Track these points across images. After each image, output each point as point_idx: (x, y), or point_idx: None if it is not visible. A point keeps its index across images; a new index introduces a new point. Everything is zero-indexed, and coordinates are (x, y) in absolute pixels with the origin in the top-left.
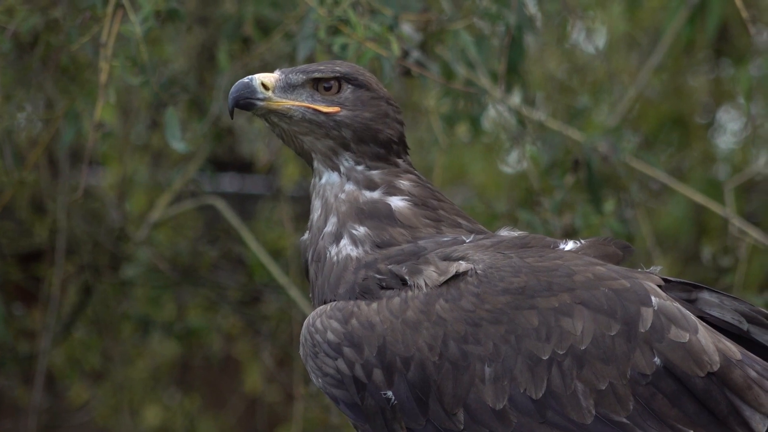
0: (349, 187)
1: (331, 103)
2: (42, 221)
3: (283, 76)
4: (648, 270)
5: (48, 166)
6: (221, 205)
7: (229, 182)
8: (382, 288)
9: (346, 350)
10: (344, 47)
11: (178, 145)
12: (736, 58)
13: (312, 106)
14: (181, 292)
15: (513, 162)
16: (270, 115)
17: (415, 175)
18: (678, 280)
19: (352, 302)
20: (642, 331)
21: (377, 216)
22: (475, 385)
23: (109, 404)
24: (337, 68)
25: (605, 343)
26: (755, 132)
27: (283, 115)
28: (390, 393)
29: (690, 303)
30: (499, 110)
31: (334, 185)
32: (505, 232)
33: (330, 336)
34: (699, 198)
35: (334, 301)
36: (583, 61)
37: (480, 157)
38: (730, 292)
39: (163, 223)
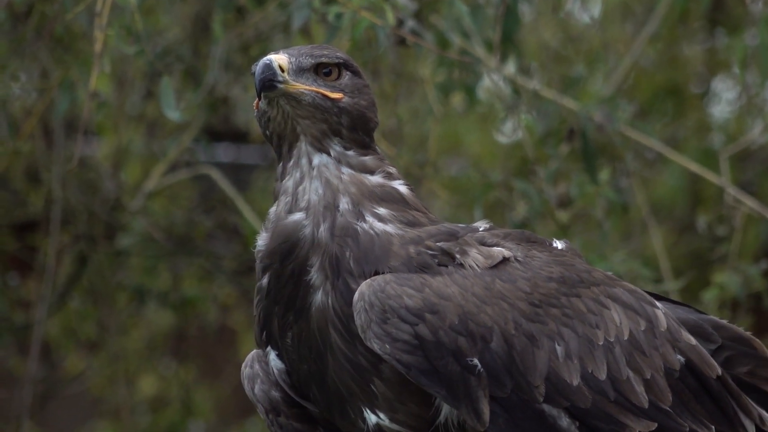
0: (347, 170)
1: (333, 89)
2: (37, 191)
3: (294, 59)
4: None
5: (43, 136)
6: (216, 175)
7: (224, 152)
8: (438, 264)
9: (429, 316)
10: (339, 16)
11: (173, 114)
12: (731, 27)
13: (321, 91)
14: (176, 261)
15: (508, 131)
16: (281, 97)
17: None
18: None
19: (414, 275)
20: (662, 330)
21: (392, 200)
22: (552, 360)
23: (105, 374)
24: (339, 54)
25: (639, 337)
26: (750, 101)
27: (293, 98)
28: (476, 360)
29: None
30: (494, 80)
31: (329, 166)
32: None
33: (408, 302)
34: (694, 167)
35: (384, 273)
36: (578, 30)
37: (475, 126)
38: (726, 261)
39: (158, 193)
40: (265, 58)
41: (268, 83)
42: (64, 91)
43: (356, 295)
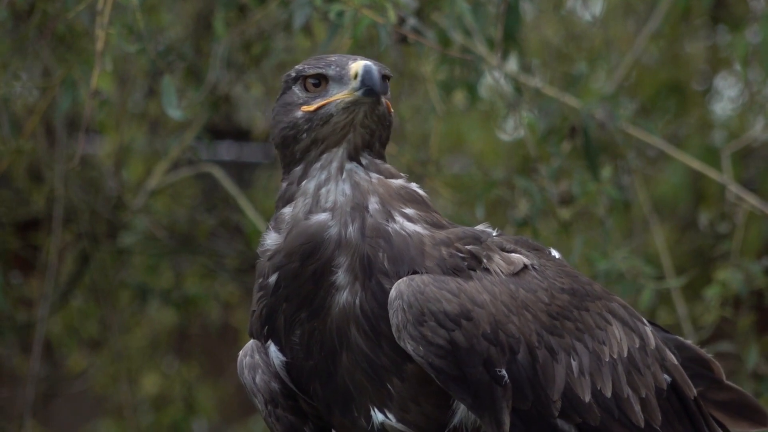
0: (375, 175)
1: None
2: (39, 190)
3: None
4: None
5: (45, 134)
6: (218, 173)
7: (227, 150)
8: (468, 268)
9: (465, 323)
10: (340, 14)
11: (175, 112)
12: (732, 24)
13: (388, 103)
14: (178, 260)
15: (510, 129)
16: (374, 105)
17: None
18: None
19: (449, 278)
20: (652, 348)
21: (416, 201)
22: (568, 375)
23: (108, 372)
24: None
25: (635, 354)
26: (752, 98)
27: (374, 107)
28: (504, 371)
29: None
30: (495, 77)
31: (359, 171)
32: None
33: (447, 306)
34: (696, 164)
35: (420, 274)
36: (580, 28)
37: (477, 124)
38: (728, 258)
39: (161, 191)
40: (367, 64)
41: (382, 90)
42: (66, 90)
43: (393, 293)
